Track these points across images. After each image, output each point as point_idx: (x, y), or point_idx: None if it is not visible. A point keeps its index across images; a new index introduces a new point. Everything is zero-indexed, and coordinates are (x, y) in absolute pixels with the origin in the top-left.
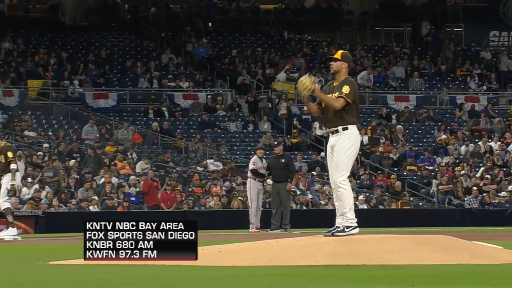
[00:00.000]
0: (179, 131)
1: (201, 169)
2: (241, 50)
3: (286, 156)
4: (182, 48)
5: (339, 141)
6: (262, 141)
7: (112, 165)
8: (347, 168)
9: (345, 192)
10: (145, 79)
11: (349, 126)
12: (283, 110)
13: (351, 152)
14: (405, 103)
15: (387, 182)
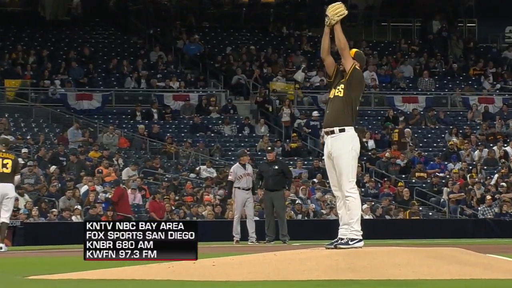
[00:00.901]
0: (169, 135)
1: (193, 176)
2: (236, 47)
3: (280, 163)
4: (172, 45)
5: (336, 145)
6: (259, 145)
7: (96, 172)
8: (353, 174)
9: (354, 201)
10: (132, 79)
11: (346, 128)
12: (286, 116)
13: (352, 157)
14: (414, 104)
15: (394, 190)
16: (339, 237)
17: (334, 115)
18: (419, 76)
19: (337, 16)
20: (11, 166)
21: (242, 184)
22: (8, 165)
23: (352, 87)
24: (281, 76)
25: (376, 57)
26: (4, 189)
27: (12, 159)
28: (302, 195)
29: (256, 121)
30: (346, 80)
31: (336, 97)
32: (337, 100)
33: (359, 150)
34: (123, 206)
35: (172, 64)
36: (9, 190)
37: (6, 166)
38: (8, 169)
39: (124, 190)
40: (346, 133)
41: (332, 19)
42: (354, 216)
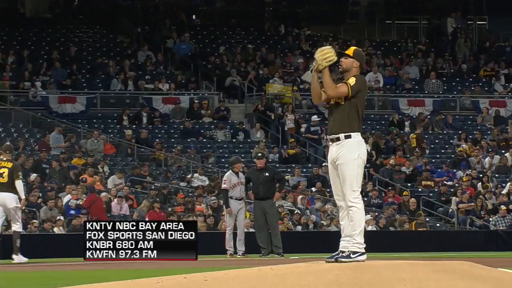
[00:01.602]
0: (158, 141)
1: (183, 185)
2: (230, 46)
3: (270, 169)
4: (162, 44)
5: (342, 152)
6: (254, 152)
7: (80, 180)
8: (357, 183)
9: (358, 212)
10: (119, 80)
11: (353, 134)
12: (290, 123)
13: (358, 166)
14: (420, 108)
15: (399, 199)
16: (340, 250)
17: (338, 121)
18: (426, 78)
19: (326, 62)
20: (7, 175)
21: (235, 194)
22: (4, 174)
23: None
24: (278, 78)
25: (380, 57)
26: (3, 199)
27: (9, 167)
28: (301, 205)
29: (251, 126)
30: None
31: (337, 104)
32: (338, 107)
33: (365, 157)
34: (96, 214)
35: (161, 64)
36: (8, 200)
37: (2, 176)
38: (4, 178)
39: (98, 198)
40: (353, 140)
41: (320, 64)
42: (357, 228)
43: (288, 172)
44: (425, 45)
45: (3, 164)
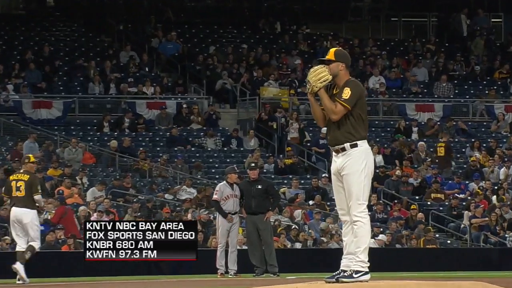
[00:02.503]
0: (142, 149)
1: (170, 198)
2: (221, 46)
3: (264, 181)
4: (146, 43)
5: (348, 162)
6: (247, 162)
7: (56, 192)
8: (364, 196)
9: (363, 227)
10: (99, 83)
11: (359, 142)
12: (294, 132)
13: (365, 176)
14: (429, 113)
15: (406, 214)
16: (342, 269)
17: (342, 130)
18: (436, 80)
19: (320, 83)
20: (24, 189)
21: (228, 207)
22: (21, 188)
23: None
24: (273, 80)
25: (385, 58)
26: (18, 214)
27: (26, 180)
28: (299, 219)
29: (245, 133)
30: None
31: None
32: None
33: (373, 167)
34: (68, 229)
35: (145, 66)
36: (24, 216)
37: (20, 189)
38: (21, 192)
39: (68, 210)
40: (359, 148)
41: (314, 86)
42: (361, 245)
43: (285, 184)
44: (434, 45)
45: (19, 177)
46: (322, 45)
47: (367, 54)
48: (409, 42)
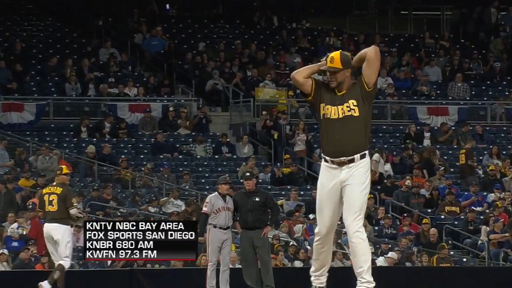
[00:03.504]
0: (124, 157)
1: (154, 211)
2: (212, 42)
3: (262, 193)
4: (128, 40)
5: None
6: (240, 171)
7: (28, 205)
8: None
9: (364, 243)
10: (76, 84)
11: (366, 153)
12: (301, 145)
13: (368, 189)
14: (443, 117)
15: (418, 228)
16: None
17: (351, 139)
18: (450, 81)
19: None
20: (56, 203)
21: (219, 221)
22: (54, 202)
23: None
24: (269, 81)
25: (394, 55)
26: (49, 230)
27: (58, 193)
28: (298, 235)
29: (238, 139)
30: (368, 91)
31: (349, 117)
32: (351, 121)
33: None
34: (40, 245)
35: (128, 64)
36: (55, 231)
37: (52, 203)
38: (53, 206)
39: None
40: (367, 158)
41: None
42: (364, 264)
43: (283, 196)
44: (448, 41)
45: (52, 190)
46: (324, 42)
47: None
48: (420, 38)
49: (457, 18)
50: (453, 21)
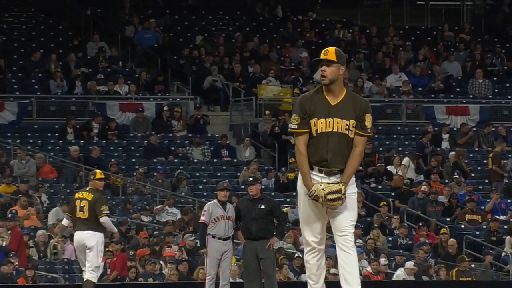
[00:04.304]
0: (114, 161)
1: (147, 220)
2: (210, 35)
3: (267, 200)
4: (119, 32)
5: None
6: (242, 176)
7: (9, 214)
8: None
9: (355, 255)
10: (62, 81)
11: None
12: None
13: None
14: (463, 117)
15: (435, 239)
16: None
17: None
18: (471, 77)
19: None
20: (87, 209)
21: (219, 231)
22: (84, 208)
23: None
24: (273, 77)
25: (410, 50)
26: (81, 238)
27: (89, 199)
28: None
29: (238, 141)
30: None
31: (342, 135)
32: (344, 139)
33: None
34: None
35: (118, 59)
36: (89, 239)
37: (83, 210)
38: (84, 213)
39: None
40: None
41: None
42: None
43: (287, 203)
44: (469, 34)
45: (84, 195)
46: (333, 35)
47: (389, 46)
48: (438, 31)
49: (481, 10)
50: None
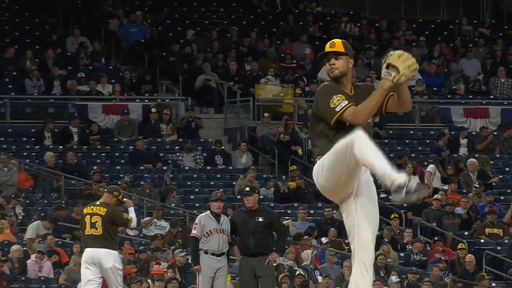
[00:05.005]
0: (97, 169)
1: (133, 233)
2: (203, 30)
3: (267, 212)
4: (102, 26)
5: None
6: (238, 185)
7: None
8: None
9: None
10: (38, 80)
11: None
12: None
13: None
14: (483, 120)
15: (452, 255)
16: None
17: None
18: (492, 76)
19: (411, 72)
20: (100, 225)
21: (212, 246)
22: (97, 224)
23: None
24: (273, 76)
25: (423, 45)
26: (95, 255)
27: (102, 214)
28: (307, 263)
29: (234, 147)
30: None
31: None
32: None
33: None
34: None
35: (101, 56)
36: (106, 259)
37: (95, 226)
38: (97, 229)
39: None
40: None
41: (404, 74)
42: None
43: (289, 215)
44: (489, 28)
45: (95, 210)
46: (338, 29)
47: (400, 41)
48: (455, 25)
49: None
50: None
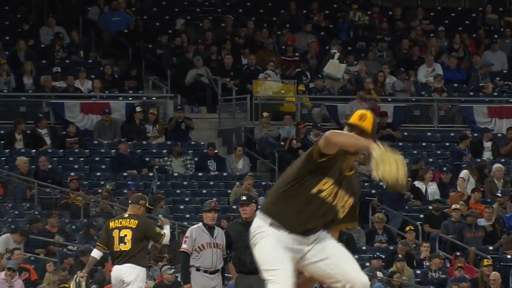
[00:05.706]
0: (74, 175)
1: None
2: (194, 19)
3: None
4: (80, 15)
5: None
6: (233, 193)
7: None
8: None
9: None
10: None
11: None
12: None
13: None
14: (509, 120)
15: (475, 273)
16: None
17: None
18: None
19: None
20: (130, 240)
21: (204, 262)
22: (126, 238)
23: None
24: (272, 71)
25: (443, 36)
26: (119, 273)
27: (133, 227)
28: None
29: (229, 150)
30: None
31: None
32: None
33: None
34: None
35: (79, 48)
36: (128, 273)
37: (124, 240)
38: (126, 244)
39: None
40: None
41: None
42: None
43: None
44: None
45: (124, 223)
46: (346, 17)
47: (417, 31)
48: (478, 13)
49: None
50: None
